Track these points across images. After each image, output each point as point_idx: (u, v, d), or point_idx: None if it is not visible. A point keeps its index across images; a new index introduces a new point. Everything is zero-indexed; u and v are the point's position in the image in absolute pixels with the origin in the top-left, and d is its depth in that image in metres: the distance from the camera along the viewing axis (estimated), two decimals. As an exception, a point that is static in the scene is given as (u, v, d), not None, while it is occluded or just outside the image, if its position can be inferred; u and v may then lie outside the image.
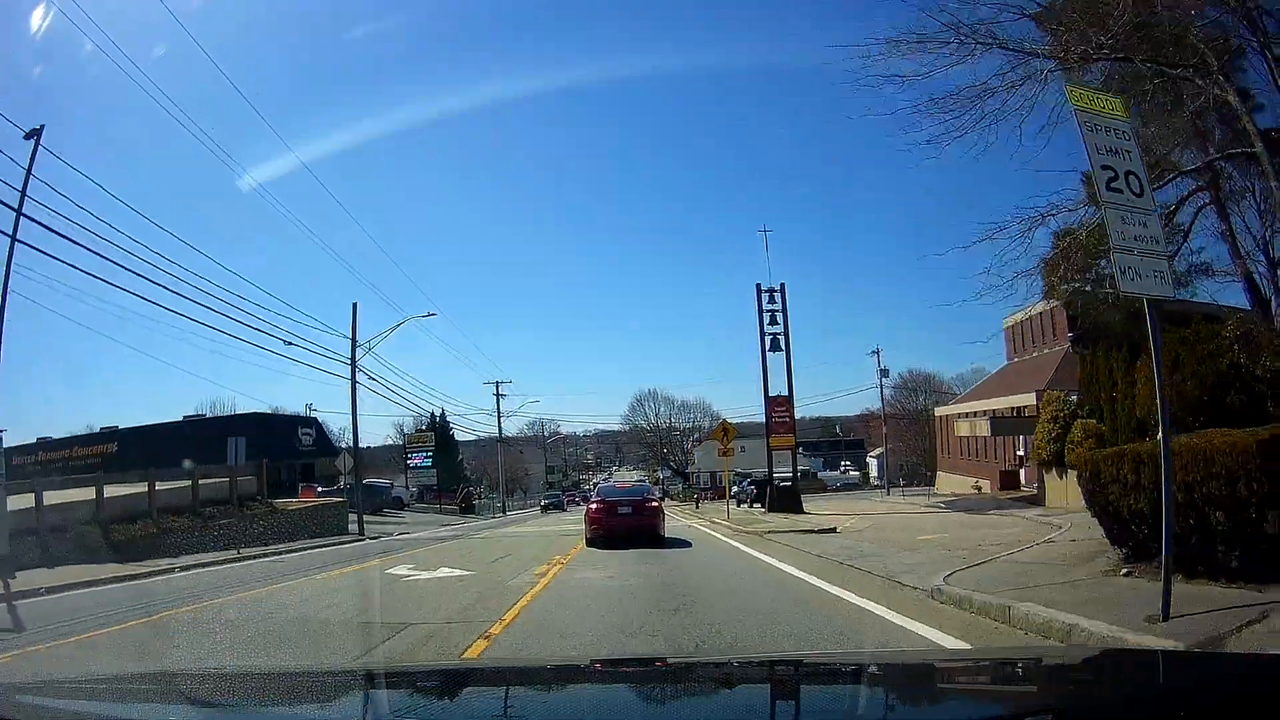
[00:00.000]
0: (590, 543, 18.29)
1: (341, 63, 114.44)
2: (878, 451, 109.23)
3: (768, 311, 34.36)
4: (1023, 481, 43.92)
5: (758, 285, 34.73)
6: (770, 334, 34.02)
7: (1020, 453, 45.14)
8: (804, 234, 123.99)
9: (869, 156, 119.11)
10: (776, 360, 33.91)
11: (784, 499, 31.86)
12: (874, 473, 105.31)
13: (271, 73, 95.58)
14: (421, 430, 56.75)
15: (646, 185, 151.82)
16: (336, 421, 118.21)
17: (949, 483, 55.00)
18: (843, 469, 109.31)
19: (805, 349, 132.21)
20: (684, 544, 18.49)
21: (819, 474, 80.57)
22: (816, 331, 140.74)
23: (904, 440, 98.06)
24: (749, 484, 47.18)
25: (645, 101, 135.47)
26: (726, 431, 27.16)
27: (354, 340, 31.90)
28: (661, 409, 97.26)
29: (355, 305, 32.63)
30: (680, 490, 79.55)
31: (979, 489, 44.14)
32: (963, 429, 38.26)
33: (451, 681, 2.89)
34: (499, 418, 59.20)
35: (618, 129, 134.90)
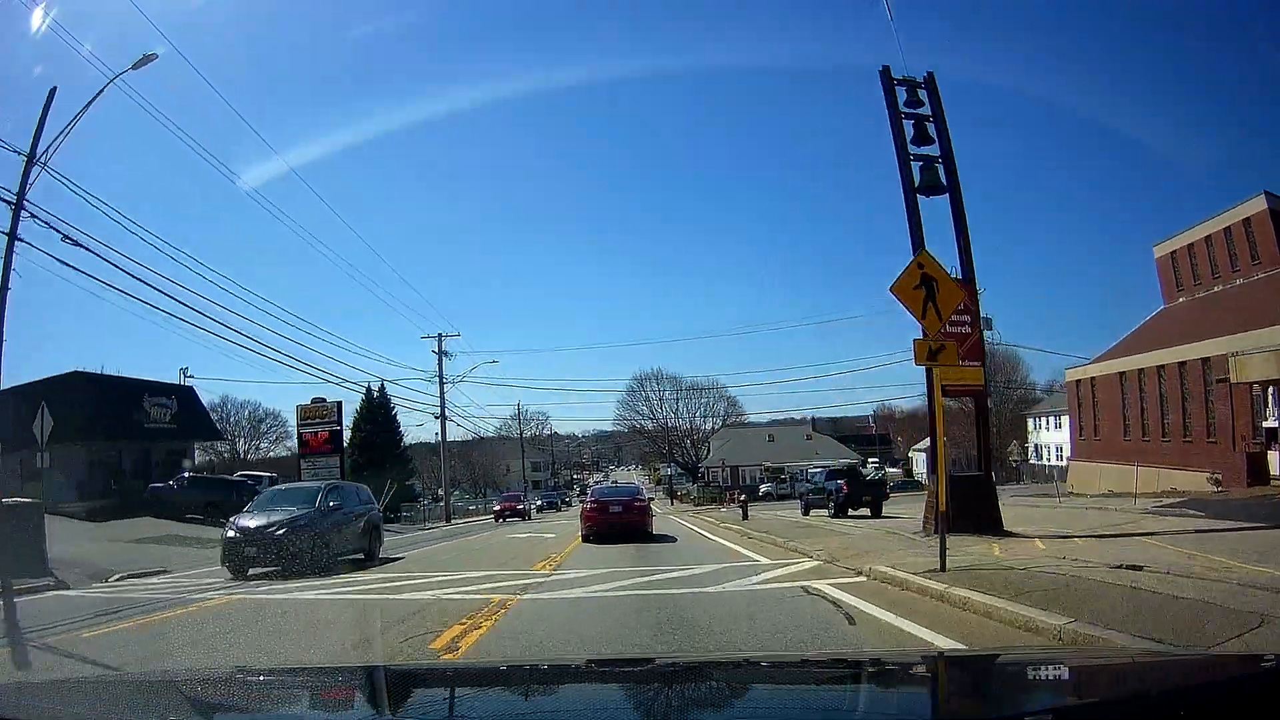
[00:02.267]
0: (585, 538, 18.66)
1: (343, 63, 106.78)
2: (923, 444, 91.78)
3: (908, 116, 16.55)
4: (1274, 470, 26.64)
5: (884, 71, 16.95)
6: (917, 158, 16.25)
7: (1271, 423, 27.51)
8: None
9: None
10: (934, 217, 16.00)
11: (970, 504, 14.14)
12: (918, 468, 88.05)
13: (272, 67, 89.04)
14: (320, 401, 38.65)
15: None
16: (259, 396, 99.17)
17: (1093, 476, 37.29)
18: (873, 467, 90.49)
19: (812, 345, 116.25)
20: (669, 539, 18.40)
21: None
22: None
23: (952, 431, 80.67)
24: (825, 477, 28.93)
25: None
26: (932, 283, 8.11)
27: (31, 153, 14.11)
28: (666, 392, 79.23)
29: (52, 90, 14.83)
30: (694, 491, 61.62)
31: (1218, 484, 26.49)
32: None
33: (449, 681, 2.87)
34: (440, 384, 41.59)
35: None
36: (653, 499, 31.35)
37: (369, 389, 56.54)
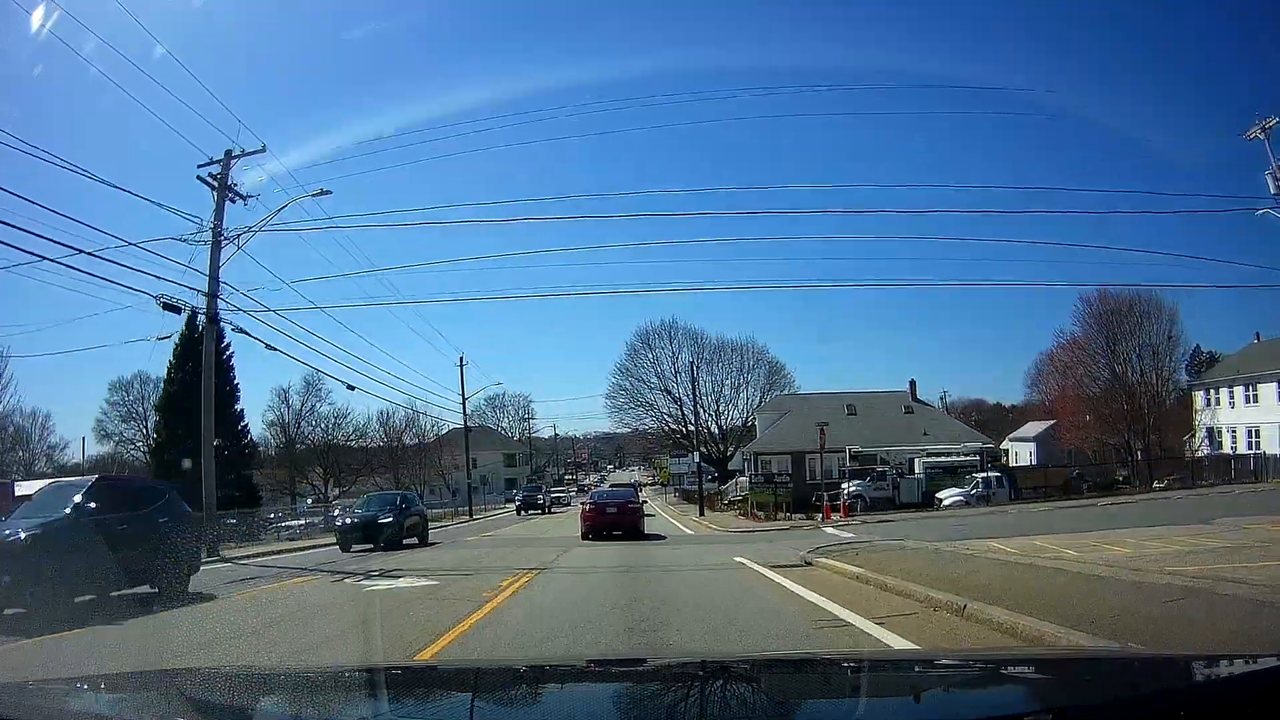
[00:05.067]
0: (585, 536, 20.51)
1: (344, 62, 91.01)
2: (1034, 430, 68.52)
3: None
4: None
5: None
6: None
7: None
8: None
9: None
10: None
11: None
12: (1020, 462, 65.03)
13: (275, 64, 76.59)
14: None
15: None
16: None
17: None
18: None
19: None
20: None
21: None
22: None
23: (1080, 416, 57.91)
24: None
25: None
26: None
27: None
28: (682, 353, 56.36)
29: None
30: (747, 488, 37.94)
31: None
32: None
33: (449, 681, 2.82)
34: (214, 244, 18.70)
35: None
36: (645, 501, 31.02)
37: (192, 314, 33.58)
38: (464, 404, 46.09)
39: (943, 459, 38.27)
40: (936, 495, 32.32)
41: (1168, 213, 48.22)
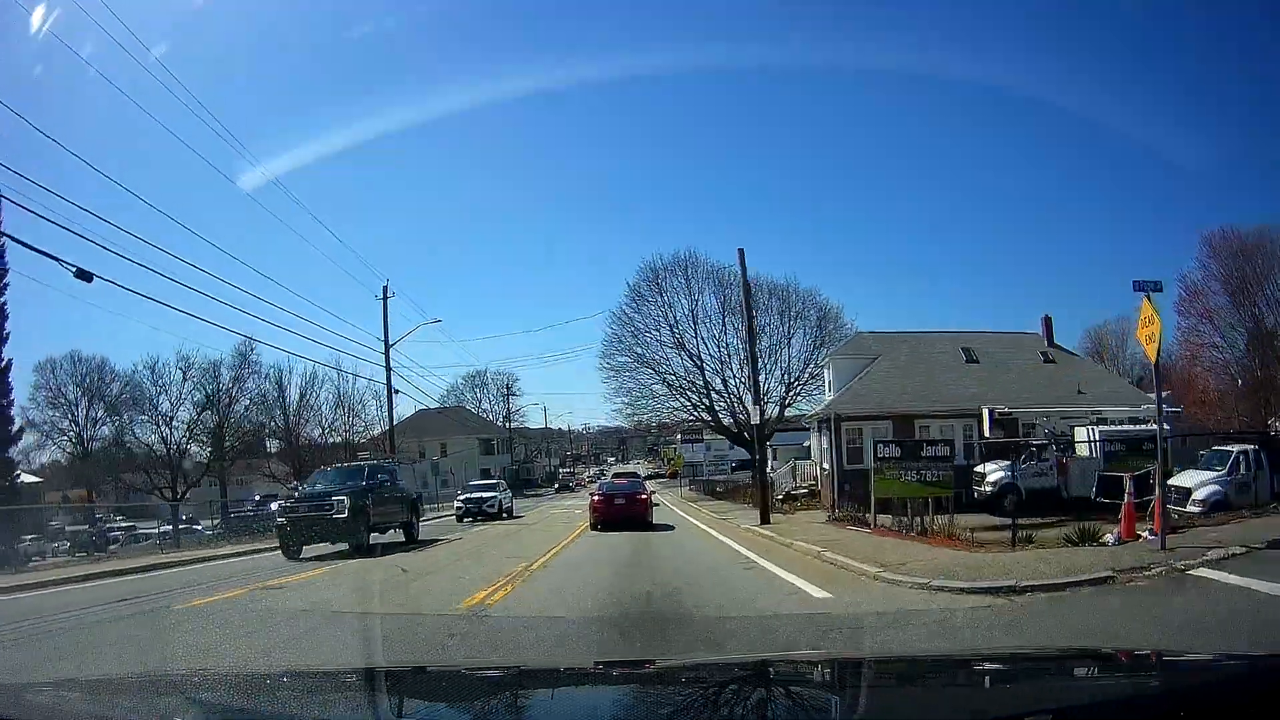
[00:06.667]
0: (593, 526, 20.49)
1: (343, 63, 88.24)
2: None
3: None
4: None
5: None
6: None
7: None
8: None
9: None
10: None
11: None
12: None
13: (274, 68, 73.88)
14: None
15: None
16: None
17: None
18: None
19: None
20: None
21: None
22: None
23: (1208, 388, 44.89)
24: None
25: None
26: None
27: None
28: (704, 296, 42.57)
29: None
30: (812, 478, 24.07)
31: None
32: None
33: (451, 681, 2.82)
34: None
35: None
36: (654, 491, 29.44)
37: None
38: (387, 352, 32.18)
39: (1121, 429, 24.79)
40: (1173, 484, 18.84)
41: None
